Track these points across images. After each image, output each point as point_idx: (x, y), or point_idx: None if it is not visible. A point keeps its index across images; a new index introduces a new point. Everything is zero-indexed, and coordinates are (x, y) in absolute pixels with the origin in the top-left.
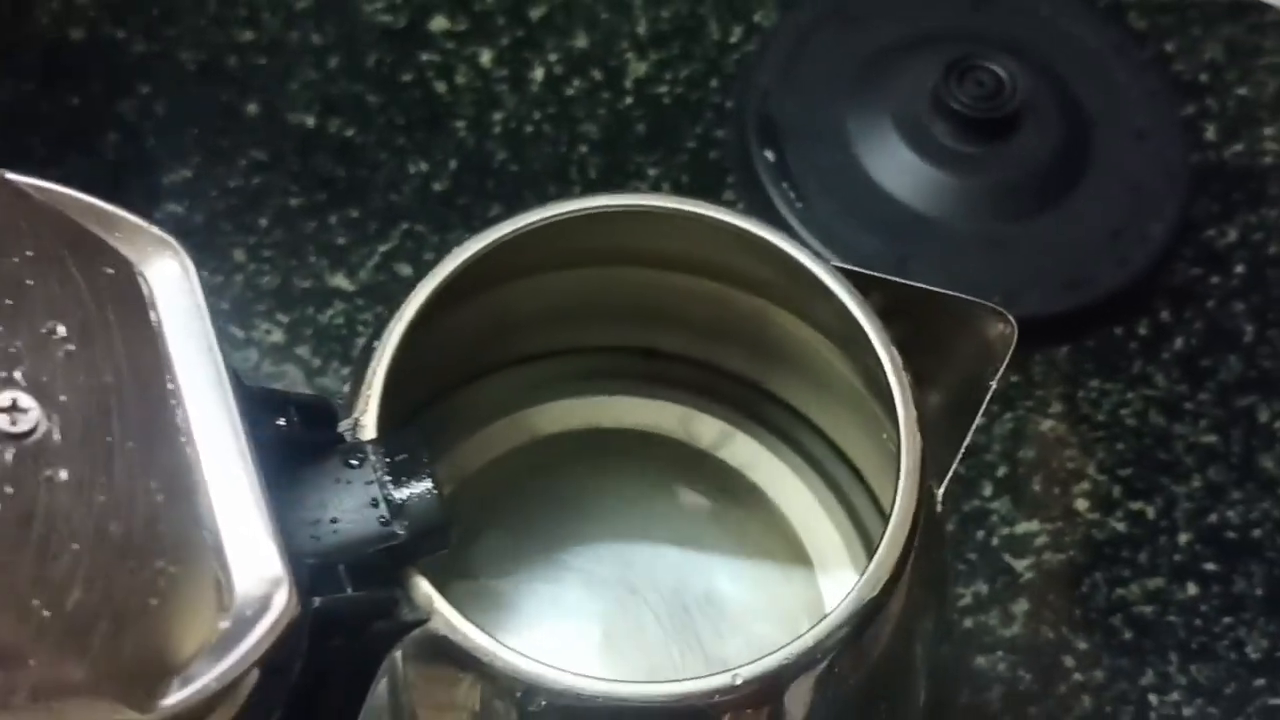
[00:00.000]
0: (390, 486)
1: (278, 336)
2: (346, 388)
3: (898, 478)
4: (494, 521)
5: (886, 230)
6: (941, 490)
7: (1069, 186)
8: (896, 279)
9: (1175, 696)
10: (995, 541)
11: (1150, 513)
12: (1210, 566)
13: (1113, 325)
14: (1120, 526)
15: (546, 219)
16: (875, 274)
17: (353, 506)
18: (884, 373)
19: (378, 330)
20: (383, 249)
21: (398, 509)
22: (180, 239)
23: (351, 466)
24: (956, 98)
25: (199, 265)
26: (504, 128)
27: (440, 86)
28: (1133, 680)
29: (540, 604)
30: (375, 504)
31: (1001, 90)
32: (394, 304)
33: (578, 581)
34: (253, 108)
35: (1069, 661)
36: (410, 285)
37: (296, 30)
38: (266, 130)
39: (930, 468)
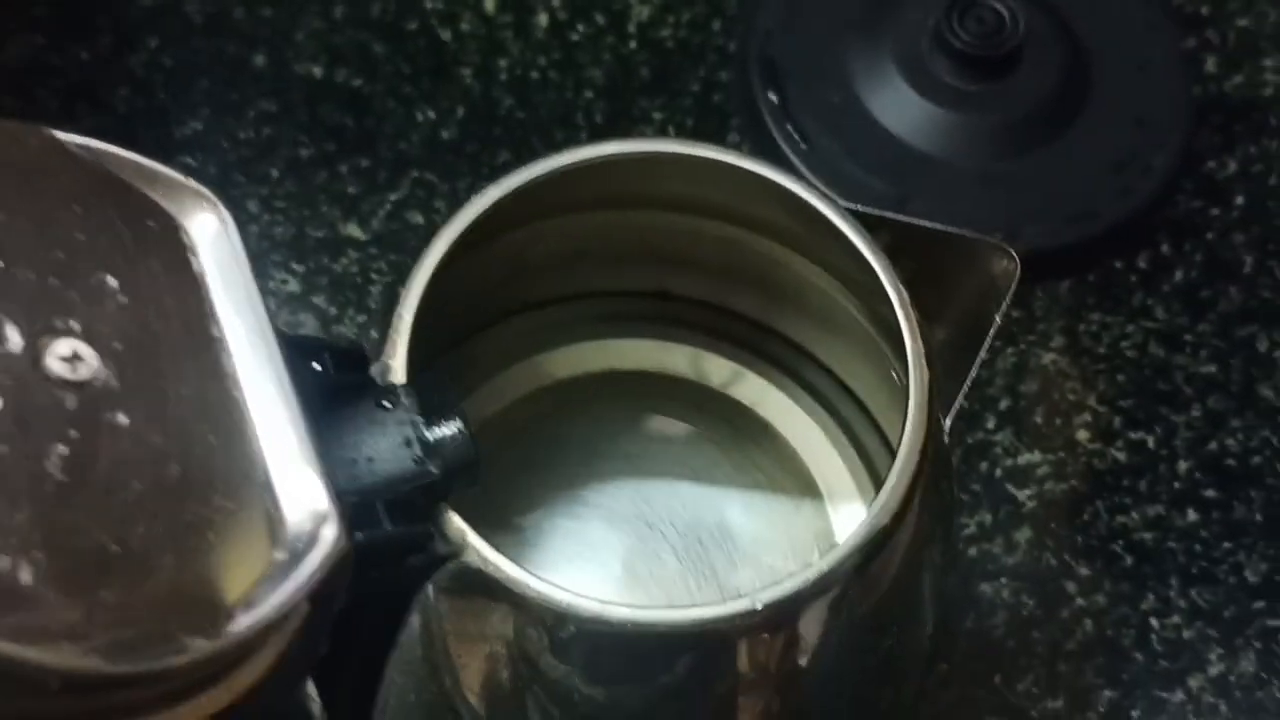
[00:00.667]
0: (422, 426)
1: (294, 286)
2: (374, 333)
3: (906, 410)
4: (515, 463)
5: (890, 169)
6: (948, 423)
7: (1070, 121)
8: (902, 218)
9: (1175, 619)
10: (999, 473)
11: (1150, 442)
12: (1210, 493)
13: (1114, 258)
14: (1121, 456)
15: (562, 166)
16: (881, 213)
17: (388, 446)
18: (892, 310)
19: (401, 276)
20: (393, 198)
21: (430, 448)
22: None
23: (384, 408)
24: (958, 35)
25: None
26: (509, 75)
27: (445, 34)
28: (1134, 605)
29: (562, 540)
30: (409, 443)
31: (1003, 27)
32: (413, 251)
33: (597, 518)
34: (260, 59)
35: (1071, 587)
36: (422, 233)
37: None
38: (275, 81)
39: (937, 402)
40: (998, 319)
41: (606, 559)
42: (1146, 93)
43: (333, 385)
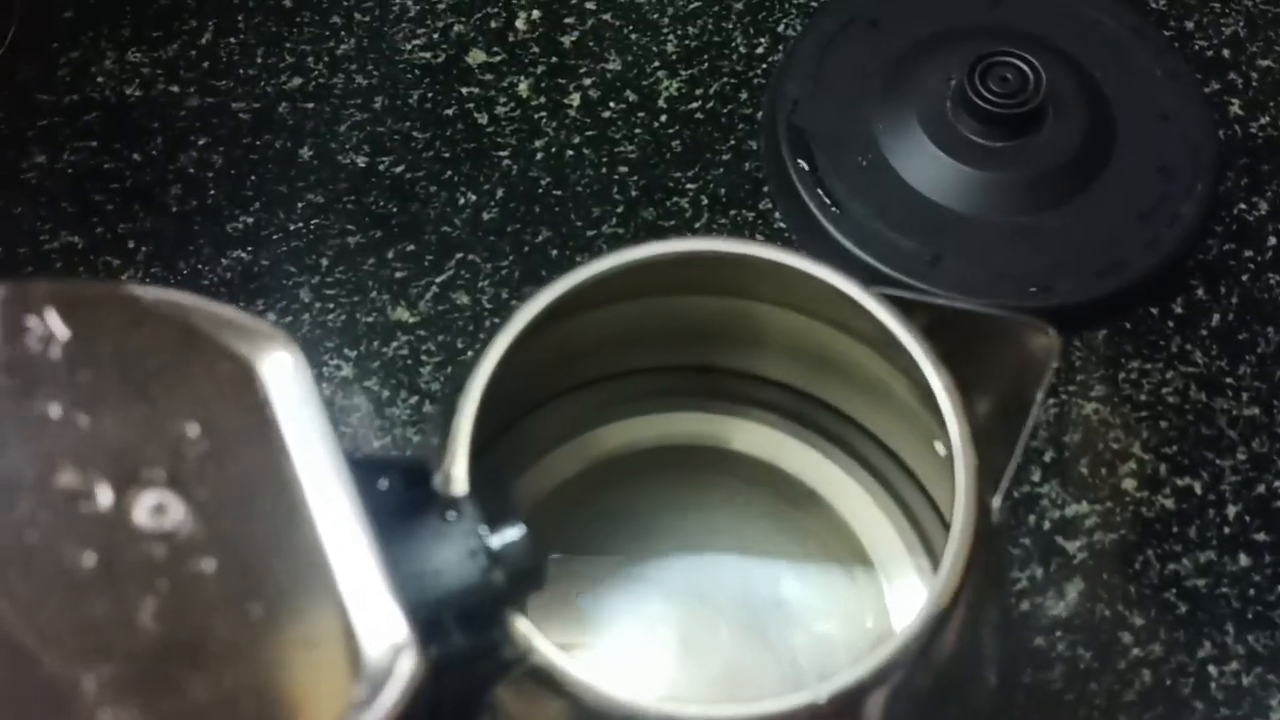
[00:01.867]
0: (486, 537)
1: (347, 371)
2: (432, 440)
3: (953, 482)
4: (569, 540)
5: (921, 229)
6: (998, 500)
7: (1097, 173)
8: (937, 300)
9: (1234, 666)
10: (1047, 525)
11: (1198, 488)
12: (1261, 537)
13: (1149, 305)
14: (1169, 503)
15: (608, 270)
16: (916, 296)
17: (454, 559)
18: (933, 393)
19: (450, 357)
20: (439, 280)
21: (495, 556)
22: (247, 283)
23: (448, 521)
24: (981, 94)
25: (267, 308)
26: (546, 154)
27: (482, 118)
28: (1190, 653)
29: (619, 616)
30: (474, 554)
31: (1025, 84)
32: (460, 331)
33: (652, 592)
34: (306, 152)
35: (1126, 638)
36: (468, 313)
37: (341, 74)
38: (321, 173)
39: (984, 482)
40: (1040, 396)
41: (663, 633)
42: (1171, 141)
43: (398, 502)
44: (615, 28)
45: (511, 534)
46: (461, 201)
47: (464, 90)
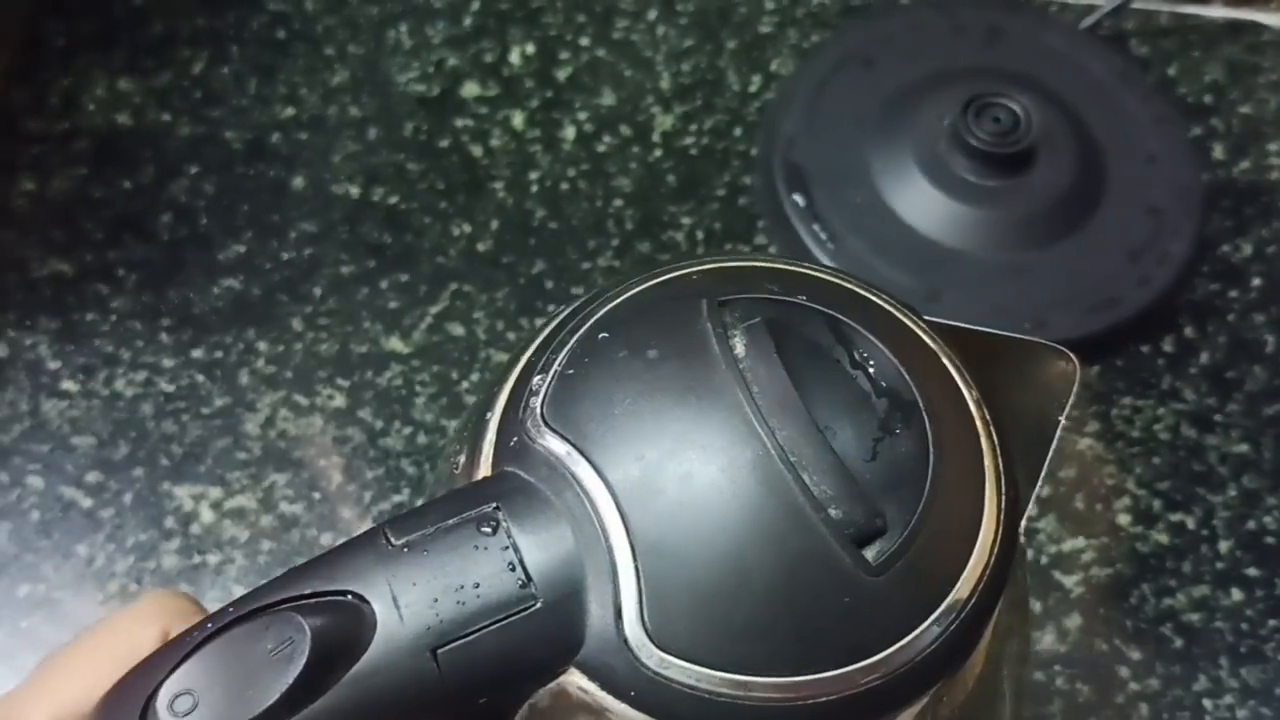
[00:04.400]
0: (524, 549)
1: (340, 401)
2: (461, 458)
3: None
4: None
5: (917, 265)
6: (1022, 523)
7: (1088, 213)
8: (958, 324)
9: (1229, 700)
10: (1044, 560)
11: (1190, 523)
12: (1252, 571)
13: (1140, 343)
14: (1163, 538)
15: (627, 294)
16: (940, 320)
17: (492, 572)
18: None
19: (445, 388)
20: (434, 310)
21: (533, 571)
22: (238, 312)
23: (485, 534)
24: (975, 134)
25: (259, 336)
26: (541, 186)
27: (477, 150)
28: (1186, 686)
29: None
30: (512, 568)
31: (1017, 125)
32: (455, 362)
33: None
34: (299, 181)
35: (1124, 672)
36: (462, 343)
37: (335, 105)
38: (314, 202)
39: (1014, 507)
40: (1062, 420)
41: None
42: (1158, 182)
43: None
44: (609, 63)
45: (552, 549)
46: (456, 233)
47: (458, 122)
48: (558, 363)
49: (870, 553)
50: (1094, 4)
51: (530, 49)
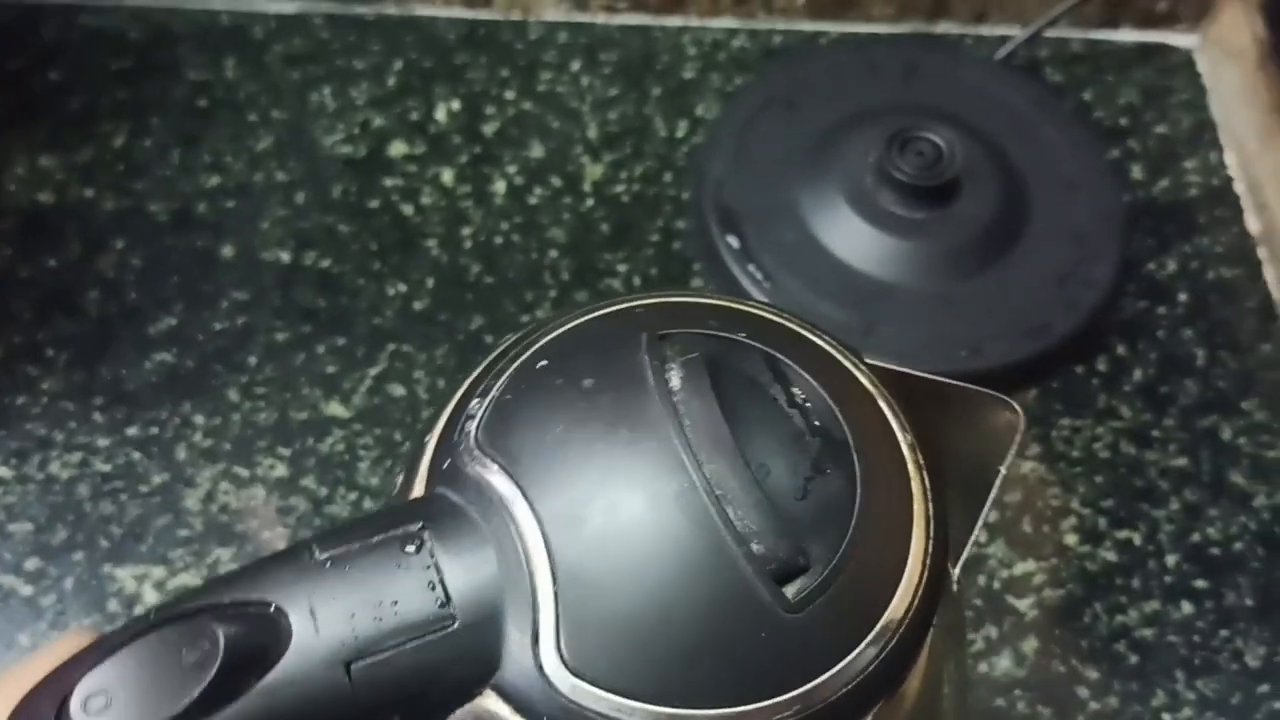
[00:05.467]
0: (443, 570)
1: (281, 470)
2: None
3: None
4: None
5: (851, 300)
6: (957, 571)
7: (1014, 240)
8: (902, 369)
9: (1187, 713)
10: (996, 585)
11: (1136, 539)
12: (1200, 584)
13: (1074, 365)
14: (1110, 556)
15: (569, 325)
16: (882, 364)
17: (413, 589)
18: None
19: (388, 450)
20: (373, 372)
21: (453, 592)
22: (172, 385)
23: (408, 553)
24: (899, 168)
25: (195, 409)
26: (474, 241)
27: (408, 209)
28: (1144, 702)
29: None
30: (432, 587)
31: (940, 157)
32: (397, 424)
33: None
34: (228, 250)
35: (1083, 692)
36: (404, 404)
37: (261, 171)
38: (244, 270)
39: (943, 550)
40: (1003, 470)
41: None
42: (1080, 207)
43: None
44: (535, 116)
45: (475, 571)
46: (391, 292)
47: (387, 182)
48: (495, 389)
49: (791, 589)
50: (1007, 35)
51: (455, 105)
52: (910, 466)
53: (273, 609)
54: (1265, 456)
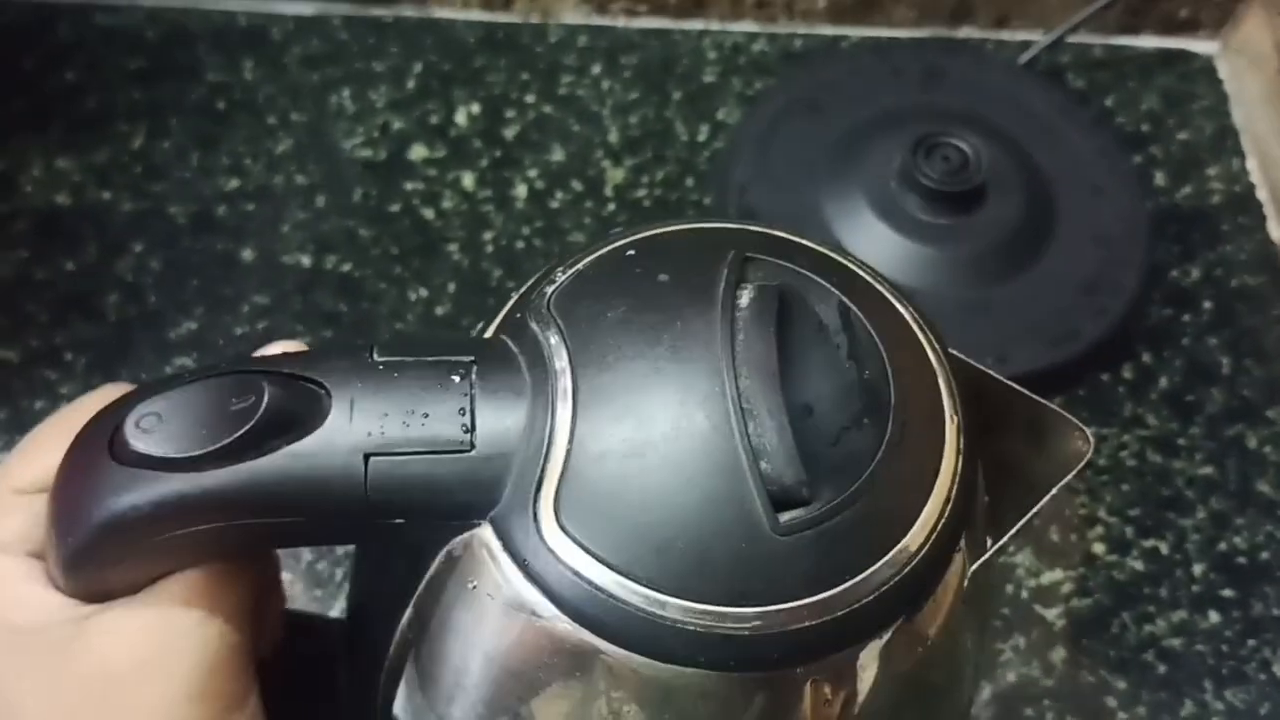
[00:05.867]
0: (477, 402)
1: None
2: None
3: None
4: None
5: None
6: (985, 557)
7: (1040, 246)
8: (985, 369)
9: None
10: (1025, 594)
11: (1164, 548)
12: (1227, 593)
13: (1100, 372)
14: (1138, 565)
15: (669, 228)
16: (965, 358)
17: (445, 411)
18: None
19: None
20: None
21: (479, 423)
22: None
23: (453, 380)
24: (925, 174)
25: None
26: (495, 246)
27: (428, 213)
28: (1173, 712)
29: None
30: (463, 413)
31: (967, 163)
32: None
33: None
34: (248, 253)
35: (1111, 702)
36: None
37: (280, 174)
38: (265, 274)
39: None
40: (1055, 490)
41: None
42: (1106, 213)
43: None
44: (556, 120)
45: (504, 408)
46: (413, 297)
47: (408, 186)
48: (584, 262)
49: (786, 515)
50: (1030, 40)
51: (476, 109)
52: (949, 445)
53: (320, 388)
54: None
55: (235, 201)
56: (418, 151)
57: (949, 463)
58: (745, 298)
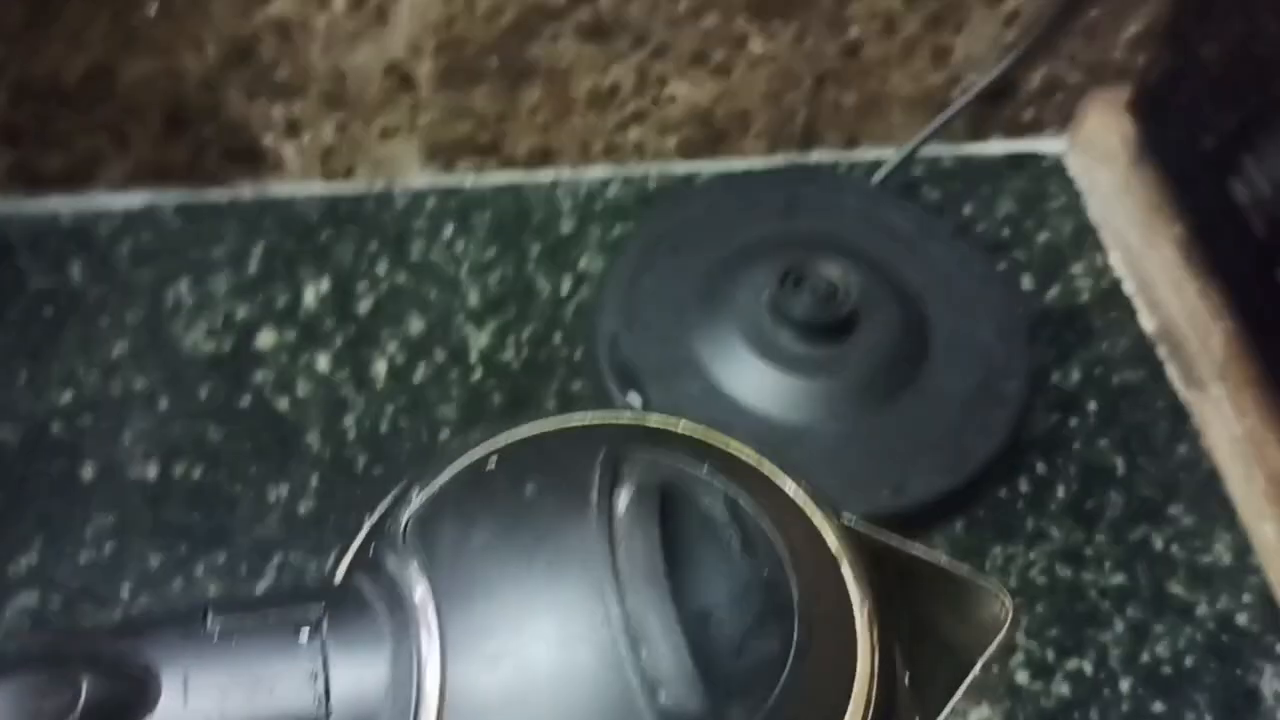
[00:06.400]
0: (333, 664)
1: None
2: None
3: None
4: None
5: (766, 448)
6: None
7: (920, 365)
8: (893, 541)
9: None
10: None
11: (1087, 668)
12: (1158, 707)
13: (997, 489)
14: (1064, 689)
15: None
16: (872, 532)
17: (292, 677)
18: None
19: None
20: (261, 587)
21: (334, 689)
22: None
23: (300, 639)
24: (796, 306)
25: None
26: (358, 430)
27: (282, 403)
28: None
29: None
30: (315, 678)
31: (836, 291)
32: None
33: None
34: (89, 471)
35: None
36: None
37: (118, 380)
38: (109, 492)
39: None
40: (982, 660)
41: None
42: (980, 324)
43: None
44: (411, 288)
45: (362, 672)
46: (273, 497)
47: (258, 376)
48: (440, 481)
49: None
50: (881, 158)
51: (325, 286)
52: (861, 639)
53: (146, 670)
54: (1200, 562)
55: (71, 416)
56: (265, 338)
57: (864, 664)
58: (623, 501)
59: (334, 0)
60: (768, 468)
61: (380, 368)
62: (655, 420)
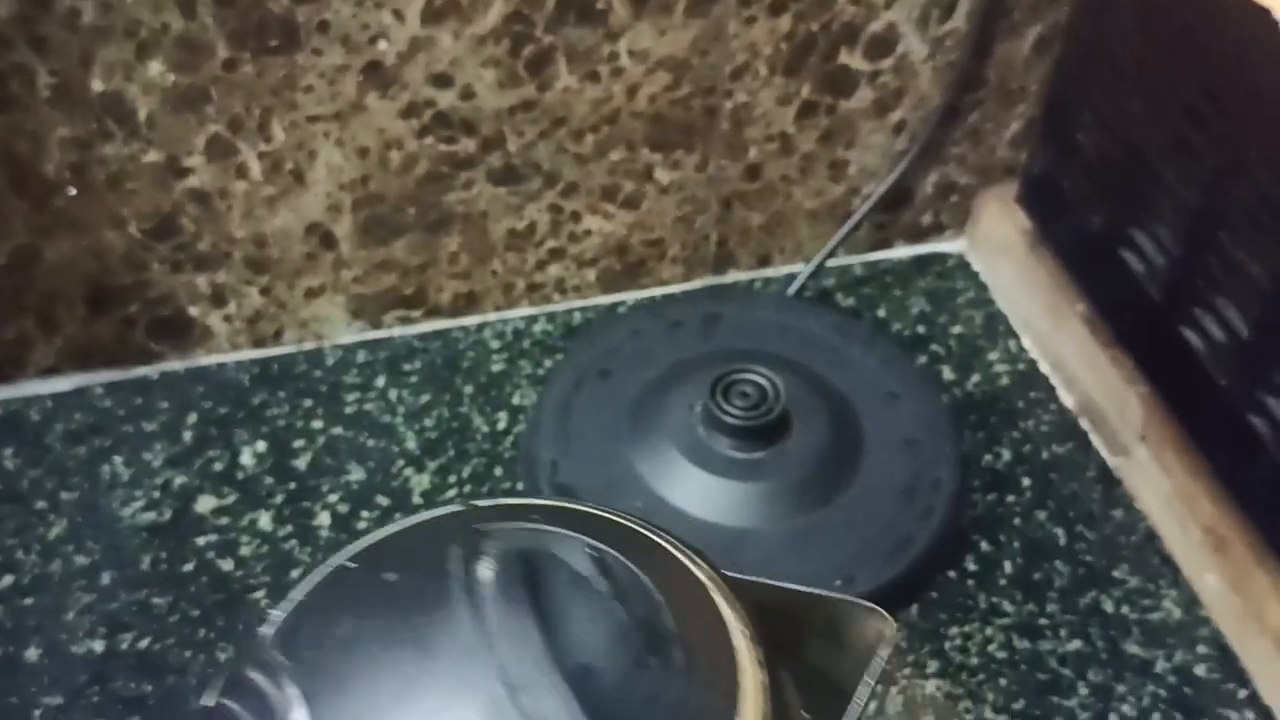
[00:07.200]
0: None
1: None
2: None
3: None
4: None
5: (712, 554)
6: None
7: (855, 461)
8: (774, 583)
9: None
10: None
11: None
12: None
13: (944, 571)
14: None
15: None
16: (752, 579)
17: None
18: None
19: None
20: None
21: None
22: None
23: None
24: (728, 412)
25: None
26: None
27: (226, 564)
28: None
29: None
30: None
31: (765, 395)
32: None
33: None
34: (32, 652)
35: None
36: None
37: (57, 559)
38: (54, 671)
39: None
40: (866, 679)
41: None
42: (907, 416)
43: None
44: (348, 439)
45: None
46: (223, 658)
47: (199, 541)
48: (302, 591)
49: None
50: (793, 272)
51: (261, 446)
52: (745, 660)
53: None
54: (1151, 620)
55: (10, 599)
56: (205, 503)
57: (749, 679)
58: (486, 571)
59: (251, 167)
60: (631, 521)
61: (324, 519)
62: (511, 500)
